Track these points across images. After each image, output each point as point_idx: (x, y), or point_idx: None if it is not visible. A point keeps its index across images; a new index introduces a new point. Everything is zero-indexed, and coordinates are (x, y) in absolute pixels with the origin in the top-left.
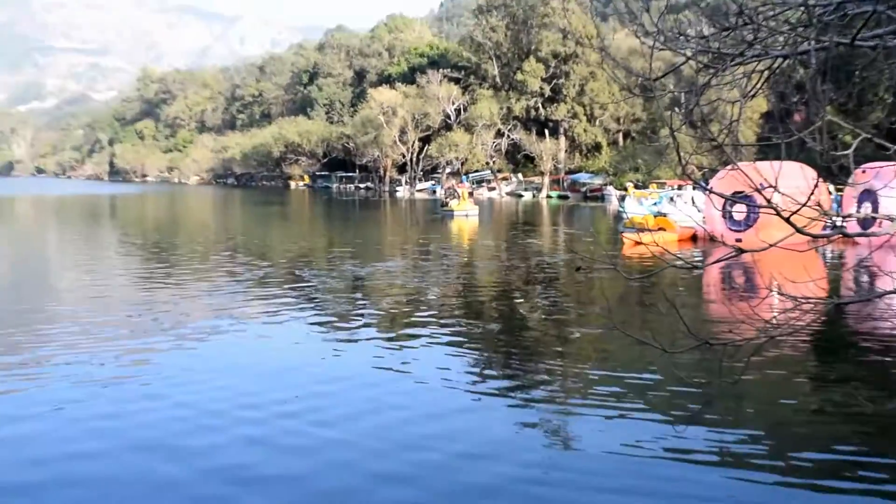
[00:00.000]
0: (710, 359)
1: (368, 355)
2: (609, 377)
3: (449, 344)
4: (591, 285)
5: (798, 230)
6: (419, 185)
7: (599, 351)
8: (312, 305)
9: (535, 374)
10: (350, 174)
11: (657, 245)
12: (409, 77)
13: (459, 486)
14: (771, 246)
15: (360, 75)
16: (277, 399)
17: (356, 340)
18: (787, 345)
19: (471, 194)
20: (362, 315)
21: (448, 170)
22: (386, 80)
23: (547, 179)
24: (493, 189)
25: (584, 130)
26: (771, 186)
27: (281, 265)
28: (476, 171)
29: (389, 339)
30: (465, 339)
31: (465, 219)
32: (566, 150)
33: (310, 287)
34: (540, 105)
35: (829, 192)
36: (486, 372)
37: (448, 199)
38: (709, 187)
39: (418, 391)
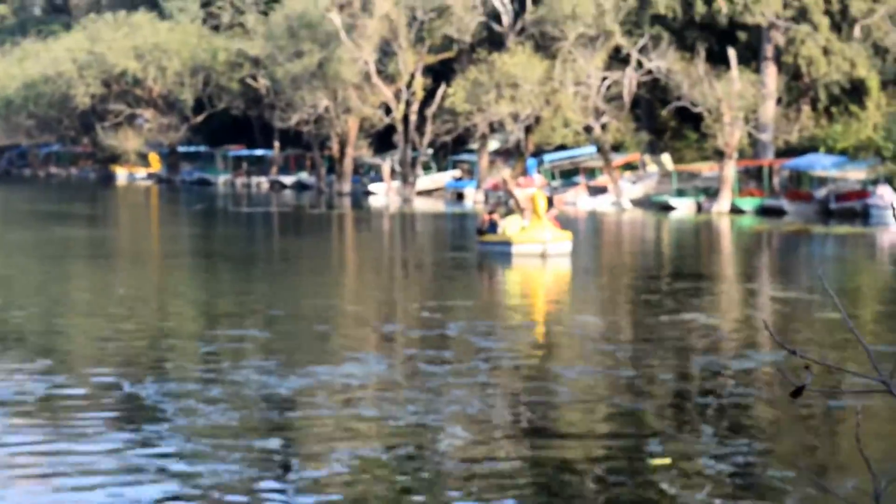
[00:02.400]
0: None
1: None
2: None
3: None
4: (830, 429)
5: None
6: (424, 179)
7: None
8: (156, 465)
9: None
10: (259, 152)
11: None
12: None
13: None
14: None
15: None
16: None
17: None
18: None
19: (550, 202)
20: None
21: (494, 144)
22: None
23: (732, 169)
24: (603, 191)
25: (824, 52)
26: None
27: (88, 369)
28: (562, 147)
29: None
30: None
31: (541, 261)
32: (779, 100)
33: (157, 423)
34: None
35: None
36: None
37: (495, 215)
38: None
39: None
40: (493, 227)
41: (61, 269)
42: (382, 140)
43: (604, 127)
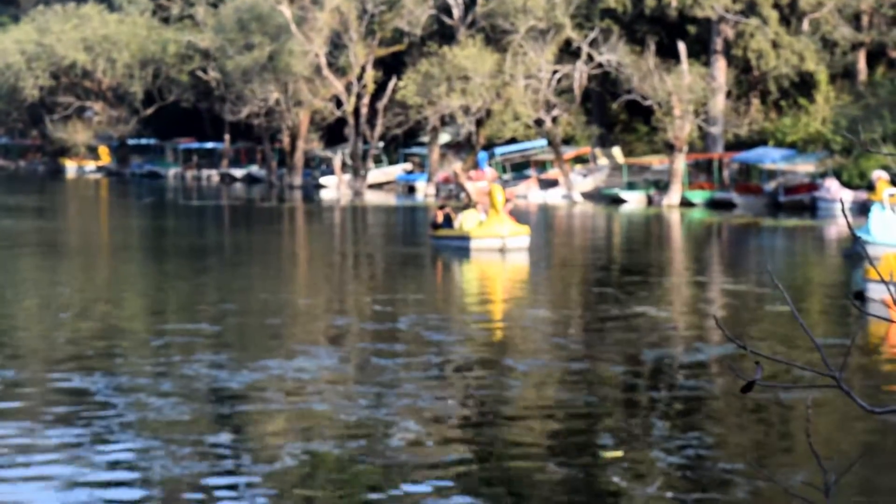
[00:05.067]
0: None
1: None
2: None
3: None
4: (780, 422)
5: None
6: (375, 172)
7: None
8: (107, 459)
9: None
10: (209, 144)
11: None
12: None
13: None
14: None
15: None
16: None
17: None
18: None
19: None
20: None
21: (445, 137)
22: None
23: (682, 162)
24: (554, 184)
25: (774, 46)
26: None
27: (37, 363)
28: (513, 140)
29: None
30: None
31: (499, 256)
32: (728, 94)
33: (108, 417)
34: None
35: None
36: None
37: (447, 209)
38: None
39: None
40: (448, 221)
41: (8, 262)
42: (333, 133)
43: (554, 120)
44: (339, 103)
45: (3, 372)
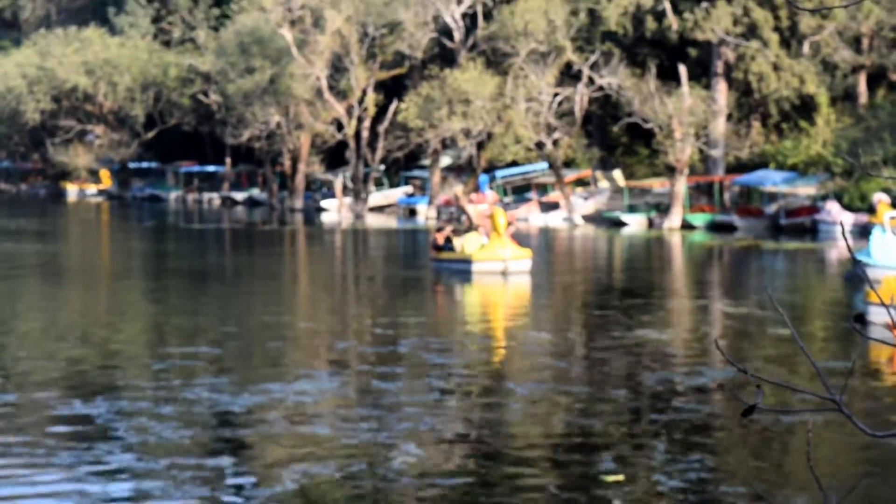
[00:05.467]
0: None
1: None
2: None
3: None
4: (781, 445)
5: None
6: (376, 195)
7: None
8: (108, 484)
9: None
10: (210, 168)
11: None
12: None
13: None
14: None
15: None
16: None
17: None
18: None
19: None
20: None
21: (446, 160)
22: None
23: (683, 185)
24: (555, 207)
25: (774, 68)
26: None
27: (38, 387)
28: (514, 163)
29: None
30: None
31: (501, 279)
32: (729, 116)
33: (109, 441)
34: (668, 6)
35: None
36: None
37: (444, 231)
38: None
39: None
40: (448, 243)
41: (9, 287)
42: (334, 156)
43: (555, 143)
44: (340, 126)
45: (4, 396)
